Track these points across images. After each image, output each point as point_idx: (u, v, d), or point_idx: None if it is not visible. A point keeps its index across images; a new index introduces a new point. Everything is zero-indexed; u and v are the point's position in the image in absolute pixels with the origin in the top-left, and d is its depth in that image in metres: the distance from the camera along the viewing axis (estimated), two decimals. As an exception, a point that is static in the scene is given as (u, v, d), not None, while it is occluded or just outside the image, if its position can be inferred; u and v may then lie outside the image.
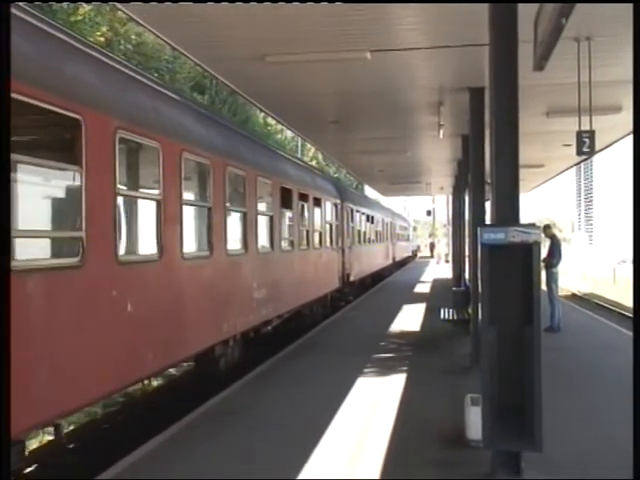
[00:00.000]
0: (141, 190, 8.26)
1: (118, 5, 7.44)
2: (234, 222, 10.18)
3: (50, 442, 7.96)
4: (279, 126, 37.86)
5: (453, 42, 8.19)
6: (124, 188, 7.24)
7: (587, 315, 18.43)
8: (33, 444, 8.12)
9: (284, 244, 13.06)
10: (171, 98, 8.70)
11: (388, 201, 47.37)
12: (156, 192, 7.53)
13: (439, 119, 12.25)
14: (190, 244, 8.65)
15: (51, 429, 6.53)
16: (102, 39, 21.75)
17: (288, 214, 13.71)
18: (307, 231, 15.14)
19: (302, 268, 14.38)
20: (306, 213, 15.28)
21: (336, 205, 19.41)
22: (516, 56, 5.90)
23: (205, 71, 10.84)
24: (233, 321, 9.72)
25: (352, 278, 21.58)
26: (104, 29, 22.80)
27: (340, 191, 20.65)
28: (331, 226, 18.40)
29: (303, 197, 14.74)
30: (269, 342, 12.59)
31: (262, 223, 11.60)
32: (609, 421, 7.34)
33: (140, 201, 8.14)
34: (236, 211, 10.28)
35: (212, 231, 8.92)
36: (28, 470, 7.02)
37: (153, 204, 7.51)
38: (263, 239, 11.61)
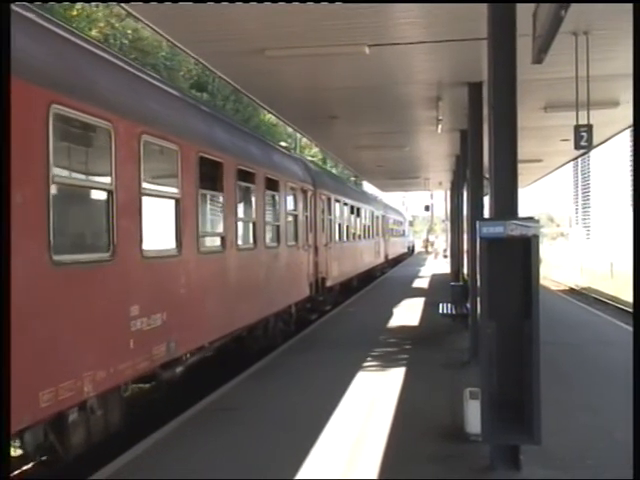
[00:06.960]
0: None
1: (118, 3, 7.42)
2: (82, 208, 6.75)
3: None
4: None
5: (451, 36, 8.19)
6: None
7: (585, 309, 18.48)
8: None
9: (208, 242, 9.34)
10: None
11: (387, 197, 47.35)
12: None
13: (437, 114, 12.25)
14: None
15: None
16: (99, 34, 21.71)
17: (216, 199, 9.84)
18: (253, 224, 11.22)
19: (241, 276, 10.34)
20: (252, 199, 11.31)
21: (305, 192, 15.21)
22: (514, 50, 5.90)
23: (204, 67, 10.76)
24: (74, 381, 5.69)
25: (329, 283, 17.60)
26: (101, 24, 22.77)
27: (312, 175, 16.39)
28: (296, 218, 14.33)
29: (246, 176, 10.73)
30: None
31: (156, 210, 7.84)
32: (607, 415, 7.36)
33: None
34: (89, 187, 6.71)
35: (16, 222, 4.86)
36: (25, 467, 7.02)
37: None
38: (158, 236, 7.88)
